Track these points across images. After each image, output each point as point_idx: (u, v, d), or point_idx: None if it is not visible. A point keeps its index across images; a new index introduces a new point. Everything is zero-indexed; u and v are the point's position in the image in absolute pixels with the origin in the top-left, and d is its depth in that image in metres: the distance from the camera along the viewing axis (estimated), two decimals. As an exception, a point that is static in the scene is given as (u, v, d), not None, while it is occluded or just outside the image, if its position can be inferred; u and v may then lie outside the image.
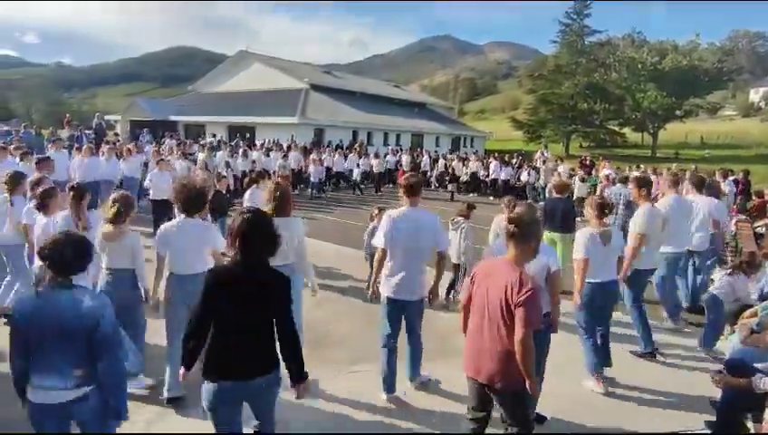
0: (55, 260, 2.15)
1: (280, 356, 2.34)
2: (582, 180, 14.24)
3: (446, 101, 58.51)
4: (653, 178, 13.66)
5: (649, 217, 4.53)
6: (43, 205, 4.08)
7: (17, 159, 7.79)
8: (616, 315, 4.41)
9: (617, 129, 41.09)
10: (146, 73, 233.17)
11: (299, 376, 2.32)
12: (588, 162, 19.64)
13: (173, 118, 28.62)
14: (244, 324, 2.24)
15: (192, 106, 30.60)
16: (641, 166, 18.05)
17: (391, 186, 17.30)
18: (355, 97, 31.37)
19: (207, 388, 2.24)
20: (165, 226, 3.52)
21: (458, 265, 5.75)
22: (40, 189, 4.19)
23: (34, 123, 23.85)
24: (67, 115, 19.03)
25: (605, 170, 15.68)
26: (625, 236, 4.51)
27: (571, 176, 16.65)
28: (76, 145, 12.11)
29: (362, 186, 17.02)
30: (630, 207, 7.25)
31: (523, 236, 2.41)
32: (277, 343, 2.30)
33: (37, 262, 5.13)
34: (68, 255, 2.17)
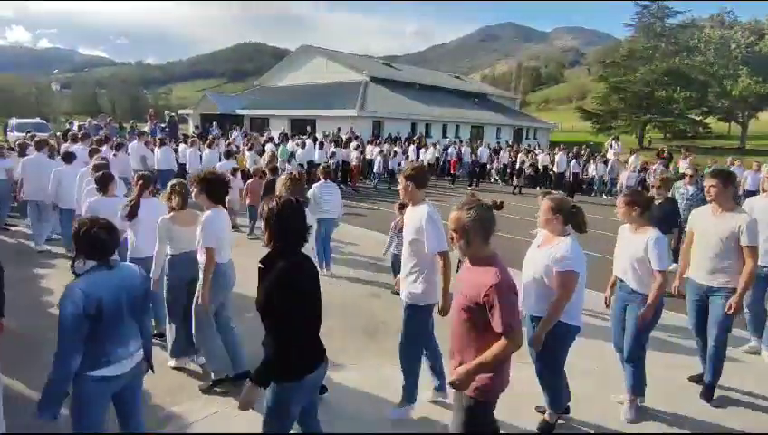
0: None
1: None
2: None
3: (509, 91, 56.39)
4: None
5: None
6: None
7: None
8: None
9: (699, 118, 37.33)
10: (216, 69, 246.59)
11: None
12: (665, 154, 18.11)
13: (239, 111, 29.90)
14: None
15: (257, 100, 31.79)
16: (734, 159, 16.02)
17: (448, 177, 17.04)
18: (414, 89, 31.08)
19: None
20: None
21: None
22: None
23: (118, 118, 25.92)
24: (150, 110, 20.51)
25: (683, 163, 14.37)
26: None
27: (644, 169, 15.49)
28: (151, 137, 13.01)
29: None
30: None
31: (464, 232, 2.17)
32: None
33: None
34: None
